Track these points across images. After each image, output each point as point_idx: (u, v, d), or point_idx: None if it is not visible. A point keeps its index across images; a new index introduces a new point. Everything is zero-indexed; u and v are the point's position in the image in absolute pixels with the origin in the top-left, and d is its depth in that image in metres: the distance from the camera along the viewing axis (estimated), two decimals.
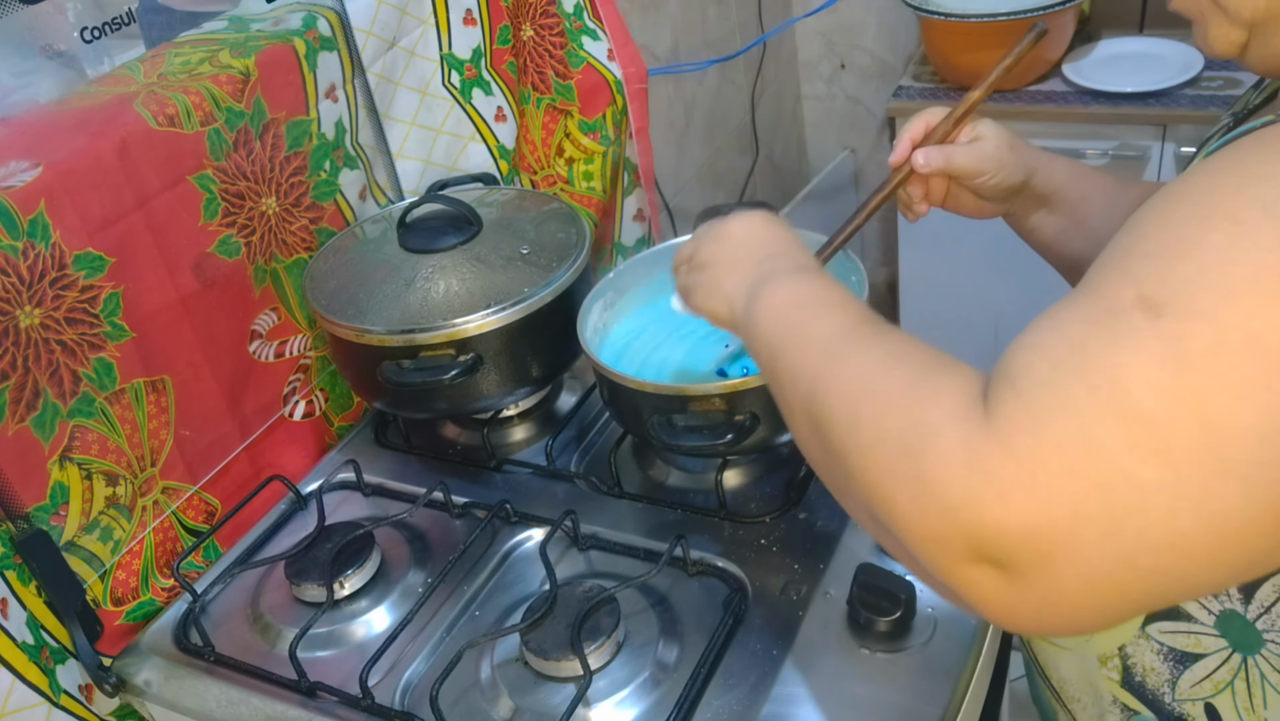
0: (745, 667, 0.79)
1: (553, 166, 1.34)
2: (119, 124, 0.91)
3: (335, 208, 1.13)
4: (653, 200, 1.46)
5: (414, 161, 1.24)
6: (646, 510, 0.96)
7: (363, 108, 1.16)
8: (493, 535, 0.96)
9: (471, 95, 1.28)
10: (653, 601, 0.86)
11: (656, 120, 1.70)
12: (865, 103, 2.37)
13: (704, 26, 1.92)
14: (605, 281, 1.01)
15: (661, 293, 1.03)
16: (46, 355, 0.86)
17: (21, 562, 0.85)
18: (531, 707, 0.79)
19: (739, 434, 0.85)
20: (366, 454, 1.10)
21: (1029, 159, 0.81)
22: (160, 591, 0.98)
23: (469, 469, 1.05)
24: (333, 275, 1.04)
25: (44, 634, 0.87)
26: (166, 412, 0.97)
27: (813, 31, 2.31)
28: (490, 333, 0.96)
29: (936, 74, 1.95)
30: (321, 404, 1.15)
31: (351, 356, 1.02)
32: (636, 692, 0.79)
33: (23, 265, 0.83)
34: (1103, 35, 1.88)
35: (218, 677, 0.87)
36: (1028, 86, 1.82)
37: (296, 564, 0.93)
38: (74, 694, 0.89)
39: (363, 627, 0.90)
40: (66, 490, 0.89)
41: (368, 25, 1.12)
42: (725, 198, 2.09)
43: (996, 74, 0.79)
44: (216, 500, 1.04)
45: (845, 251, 0.84)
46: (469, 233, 1.03)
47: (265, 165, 1.03)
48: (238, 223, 1.02)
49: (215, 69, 0.99)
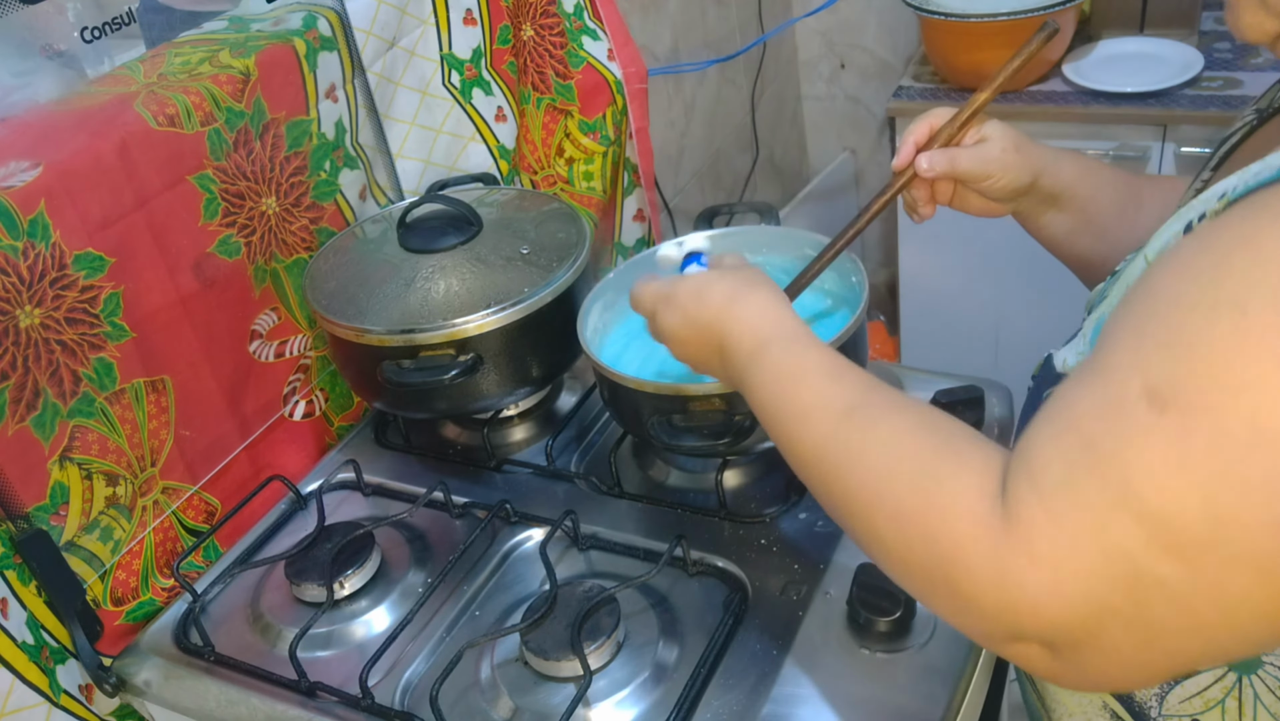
0: (745, 667, 0.79)
1: (553, 166, 1.34)
2: (119, 124, 0.91)
3: (335, 208, 1.13)
4: (653, 200, 1.46)
5: (414, 161, 1.24)
6: (646, 510, 0.96)
7: (363, 108, 1.16)
8: (493, 535, 0.96)
9: (471, 95, 1.28)
10: (653, 601, 0.86)
11: (656, 120, 1.70)
12: (865, 103, 2.37)
13: (704, 26, 1.92)
14: (605, 282, 1.01)
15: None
16: (46, 355, 0.86)
17: (21, 562, 0.85)
18: (531, 707, 0.79)
19: (739, 434, 0.85)
20: (366, 454, 1.10)
21: (1036, 159, 0.81)
22: (160, 591, 0.98)
23: (469, 469, 1.05)
24: (333, 275, 1.04)
25: (44, 634, 0.87)
26: (166, 412, 0.97)
27: (813, 31, 2.31)
28: (490, 333, 0.96)
29: (936, 74, 1.94)
30: (321, 404, 1.15)
31: (351, 356, 1.02)
32: (636, 692, 0.79)
33: (23, 265, 0.83)
34: (1103, 35, 1.88)
35: (218, 677, 0.87)
36: (1028, 86, 1.82)
37: (296, 564, 0.93)
38: (74, 694, 0.89)
39: (363, 627, 0.90)
40: (66, 490, 0.89)
41: (368, 25, 1.12)
42: (725, 198, 2.09)
43: (1005, 74, 0.78)
44: (216, 500, 1.04)
45: (846, 252, 0.84)
46: (469, 233, 1.03)
47: (265, 165, 1.04)
48: (238, 223, 1.02)
49: (215, 69, 0.99)
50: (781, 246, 1.01)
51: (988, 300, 1.99)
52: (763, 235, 1.02)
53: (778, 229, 1.04)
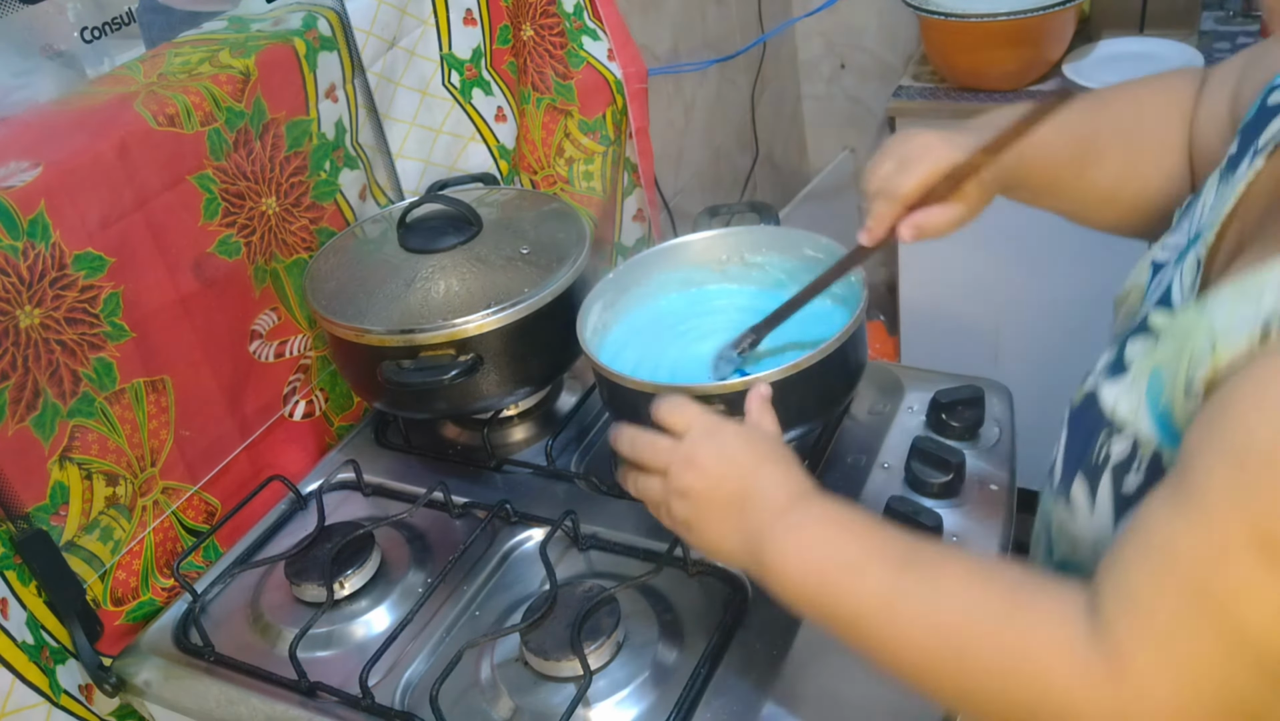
0: (745, 667, 0.79)
1: (553, 166, 1.34)
2: (119, 124, 0.91)
3: (335, 208, 1.13)
4: (653, 200, 1.46)
5: (414, 161, 1.24)
6: (646, 510, 0.95)
7: (363, 108, 1.16)
8: (493, 535, 0.96)
9: (471, 95, 1.28)
10: (653, 601, 0.86)
11: (656, 120, 1.70)
12: (865, 102, 2.37)
13: (704, 26, 1.92)
14: (605, 282, 1.01)
15: (661, 292, 1.03)
16: (46, 355, 0.86)
17: (21, 562, 0.85)
18: (531, 707, 0.79)
19: None
20: (366, 454, 1.10)
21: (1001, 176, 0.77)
22: (160, 591, 0.98)
23: (469, 469, 1.05)
24: (333, 275, 1.04)
25: (44, 634, 0.87)
26: (166, 412, 0.97)
27: (813, 31, 2.31)
28: (490, 333, 0.96)
29: (936, 74, 1.94)
30: (321, 404, 1.15)
31: (351, 356, 1.02)
32: (636, 692, 0.79)
33: (23, 265, 0.83)
34: (1103, 35, 1.88)
35: (218, 677, 0.87)
36: (1028, 86, 1.82)
37: (296, 564, 0.93)
38: (74, 694, 0.89)
39: (363, 627, 0.90)
40: (66, 490, 0.89)
41: (368, 25, 1.12)
42: (725, 197, 2.09)
43: (1001, 135, 0.72)
44: (216, 500, 1.04)
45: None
46: (469, 233, 1.03)
47: (265, 165, 1.03)
48: (238, 223, 1.02)
49: (215, 69, 0.99)
50: (781, 246, 1.01)
51: (988, 300, 1.99)
52: (763, 235, 1.02)
53: (778, 229, 1.04)
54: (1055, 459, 0.69)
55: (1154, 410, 0.58)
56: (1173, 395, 0.56)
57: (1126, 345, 0.64)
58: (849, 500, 0.67)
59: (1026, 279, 1.86)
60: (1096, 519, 0.62)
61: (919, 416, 0.99)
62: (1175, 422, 0.56)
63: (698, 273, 1.03)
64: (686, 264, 1.03)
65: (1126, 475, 0.60)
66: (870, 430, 0.99)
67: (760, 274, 1.02)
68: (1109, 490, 0.61)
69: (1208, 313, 0.55)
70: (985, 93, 1.84)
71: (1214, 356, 0.52)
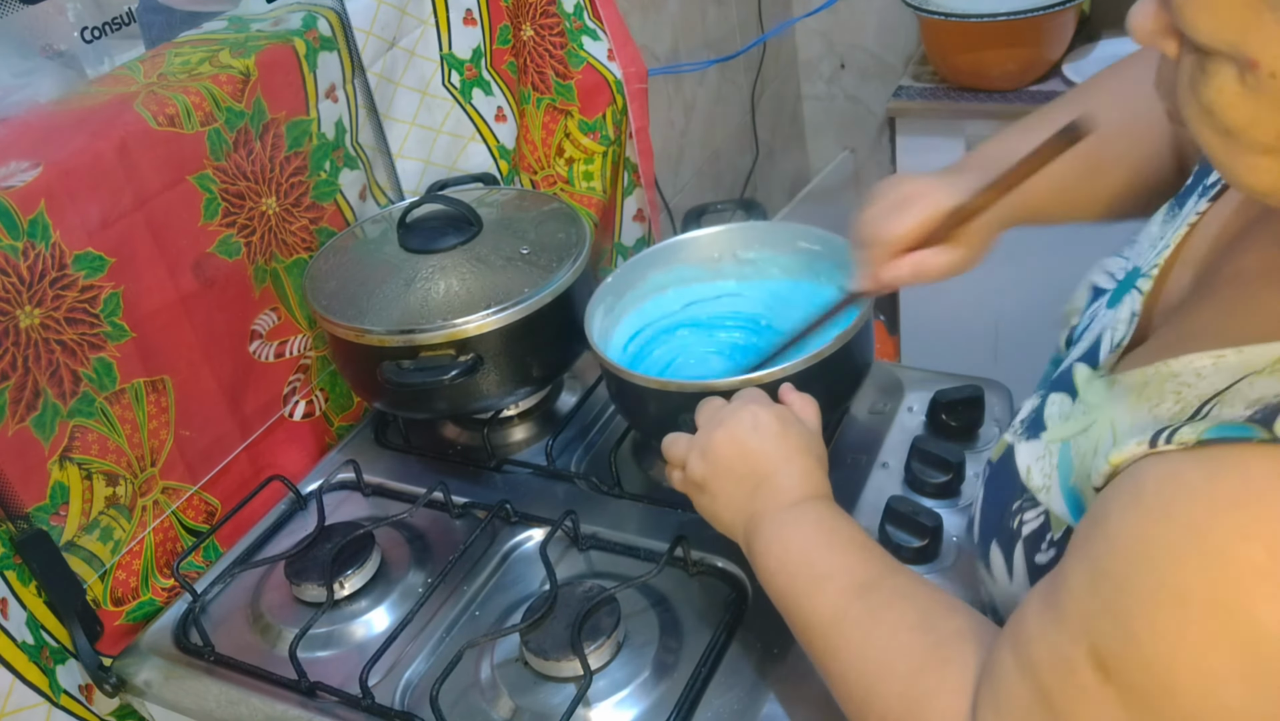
0: (745, 667, 0.79)
1: (553, 166, 1.34)
2: (119, 124, 0.91)
3: (335, 208, 1.13)
4: (653, 200, 1.46)
5: (414, 161, 1.24)
6: (647, 510, 0.96)
7: (363, 108, 1.16)
8: (493, 535, 0.96)
9: (471, 95, 1.28)
10: (653, 601, 0.86)
11: (656, 120, 1.70)
12: (865, 102, 2.37)
13: (704, 26, 1.92)
14: (604, 286, 1.00)
15: (662, 291, 1.03)
16: (46, 355, 0.86)
17: (21, 562, 0.85)
18: (531, 707, 0.79)
19: None
20: (366, 454, 1.10)
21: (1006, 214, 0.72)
22: (160, 591, 0.98)
23: (469, 469, 1.05)
24: (333, 275, 1.04)
25: (44, 634, 0.87)
26: (166, 412, 0.97)
27: (813, 31, 2.31)
28: (490, 333, 0.96)
29: (936, 74, 1.95)
30: (321, 404, 1.15)
31: (351, 356, 1.02)
32: (636, 692, 0.79)
33: (23, 265, 0.83)
34: (1103, 35, 1.88)
35: (218, 677, 0.87)
36: (1027, 86, 1.82)
37: (296, 564, 0.93)
38: (74, 694, 0.89)
39: (363, 627, 0.90)
40: (66, 490, 0.89)
41: (368, 25, 1.12)
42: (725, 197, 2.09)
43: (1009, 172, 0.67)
44: (216, 500, 1.04)
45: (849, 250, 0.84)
46: (469, 233, 1.03)
47: (265, 165, 1.03)
48: (238, 223, 1.02)
49: (215, 69, 0.99)
50: (774, 242, 1.01)
51: (988, 300, 1.98)
52: (755, 231, 1.03)
53: (768, 224, 1.05)
54: (974, 516, 0.67)
55: (1065, 488, 0.57)
56: (1080, 480, 0.56)
57: (1047, 402, 0.63)
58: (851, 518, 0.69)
59: (1026, 279, 1.86)
60: (1015, 586, 0.61)
61: (919, 416, 0.99)
62: (1084, 505, 0.55)
63: (690, 270, 1.03)
64: (679, 263, 1.03)
65: (1039, 549, 0.59)
66: (870, 430, 0.99)
67: (753, 269, 1.02)
68: (1022, 561, 0.60)
69: (1115, 400, 0.55)
70: (985, 93, 1.84)
71: (1112, 452, 0.50)
